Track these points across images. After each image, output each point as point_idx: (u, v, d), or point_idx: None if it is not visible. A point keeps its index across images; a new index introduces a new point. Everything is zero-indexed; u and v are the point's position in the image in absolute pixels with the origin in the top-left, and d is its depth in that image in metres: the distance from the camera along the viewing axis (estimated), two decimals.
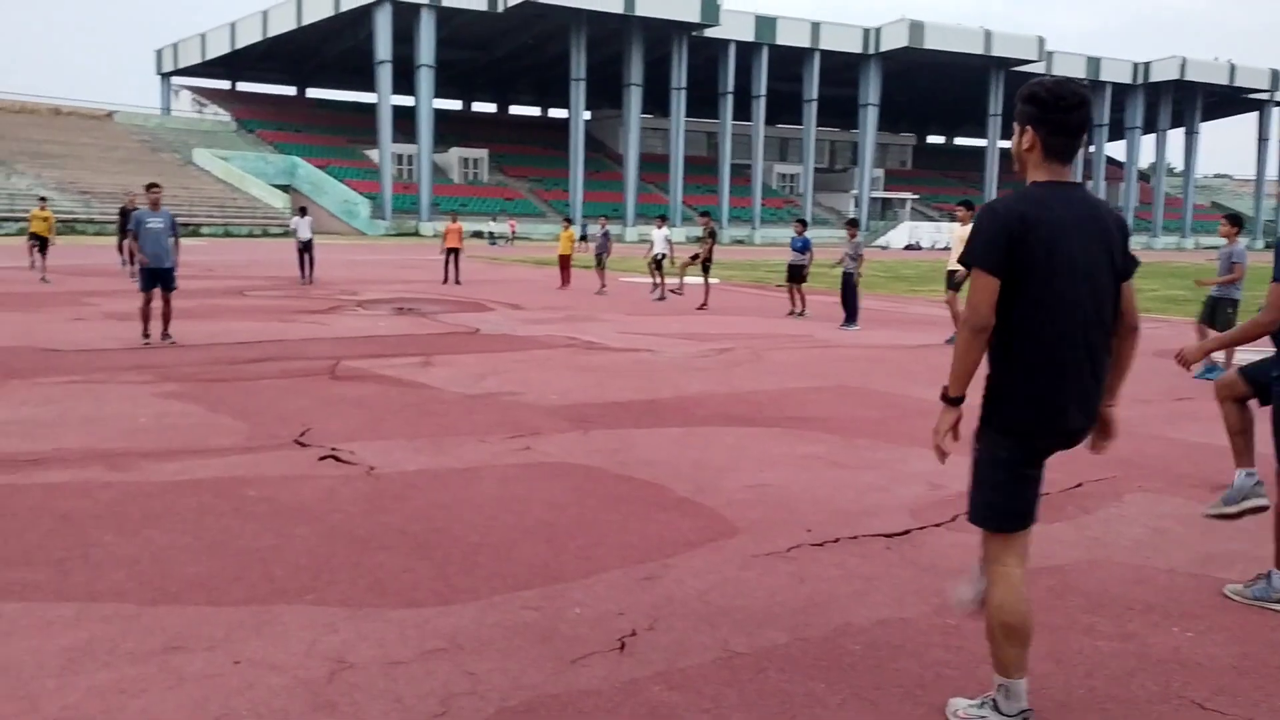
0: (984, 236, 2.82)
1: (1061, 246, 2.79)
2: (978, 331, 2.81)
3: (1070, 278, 2.80)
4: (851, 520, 5.16)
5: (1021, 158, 2.93)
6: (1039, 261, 2.77)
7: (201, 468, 5.83)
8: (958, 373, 2.87)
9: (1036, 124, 2.86)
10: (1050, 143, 2.86)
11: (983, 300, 2.79)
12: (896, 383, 9.83)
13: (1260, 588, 4.14)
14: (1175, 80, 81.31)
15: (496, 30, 66.59)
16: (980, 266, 2.80)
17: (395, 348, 11.32)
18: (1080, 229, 2.83)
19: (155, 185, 11.59)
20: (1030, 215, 2.79)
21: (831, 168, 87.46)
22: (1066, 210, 2.83)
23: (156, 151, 62.44)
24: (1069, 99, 2.83)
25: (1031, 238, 2.76)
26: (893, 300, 21.13)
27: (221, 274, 23.17)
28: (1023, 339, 2.82)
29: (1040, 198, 2.83)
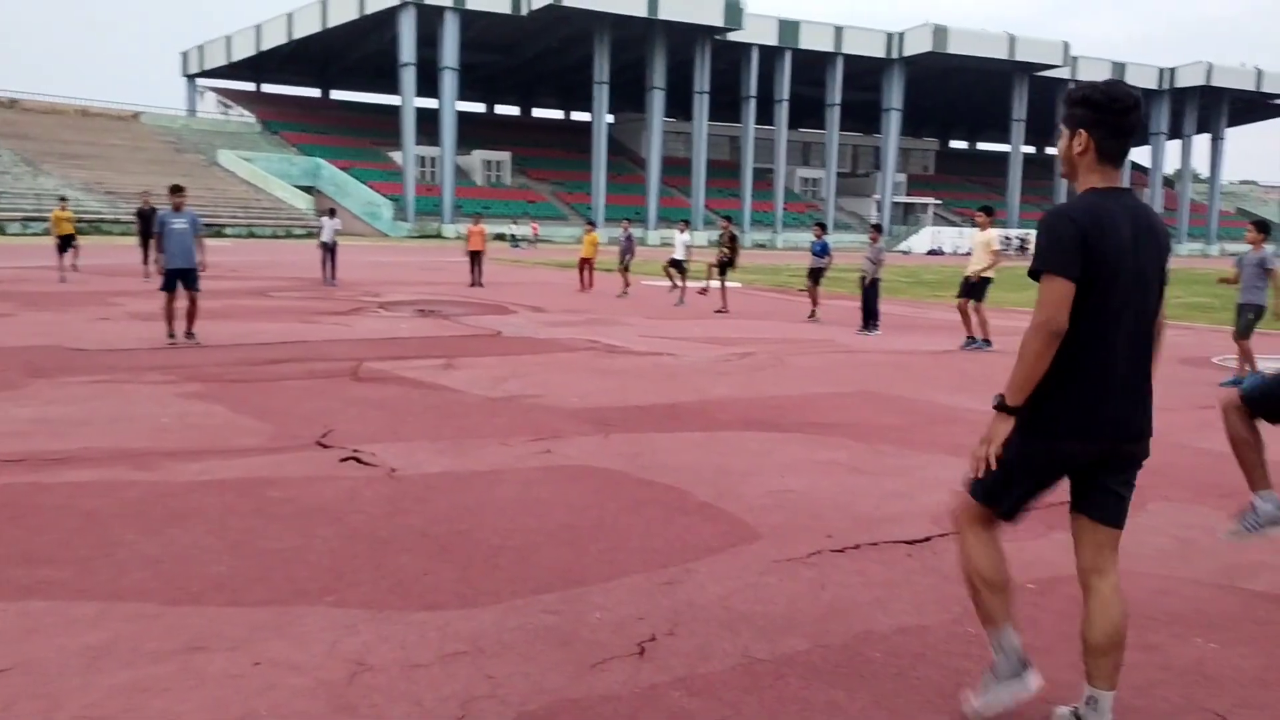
0: (1058, 242, 2.79)
1: (1126, 255, 2.80)
2: (1055, 336, 2.77)
3: (1130, 287, 2.81)
4: (873, 527, 5.14)
5: (1073, 161, 2.91)
6: (1106, 269, 2.77)
7: (224, 468, 5.87)
8: (1022, 380, 2.81)
9: (1091, 127, 2.84)
10: (1105, 146, 2.85)
11: (1060, 305, 2.76)
12: (919, 388, 9.78)
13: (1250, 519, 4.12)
14: (1201, 86, 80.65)
15: (520, 33, 66.80)
16: (1055, 271, 2.77)
17: (417, 350, 11.37)
18: (1138, 237, 2.84)
19: (179, 187, 11.69)
20: (1098, 221, 2.78)
21: (854, 172, 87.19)
22: (1126, 218, 2.83)
23: (181, 152, 62.99)
24: (1124, 100, 2.83)
25: (1101, 245, 2.77)
26: (915, 305, 21.03)
27: (245, 275, 23.33)
28: (1079, 345, 2.81)
29: (1104, 205, 2.83)
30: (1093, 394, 2.83)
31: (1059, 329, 2.77)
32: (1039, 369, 2.79)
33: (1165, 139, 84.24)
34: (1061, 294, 2.76)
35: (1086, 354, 2.81)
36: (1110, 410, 2.85)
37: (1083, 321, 2.80)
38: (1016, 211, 77.58)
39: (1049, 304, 2.77)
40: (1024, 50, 72.92)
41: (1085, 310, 2.79)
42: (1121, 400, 2.87)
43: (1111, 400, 2.85)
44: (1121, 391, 2.86)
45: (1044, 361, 2.79)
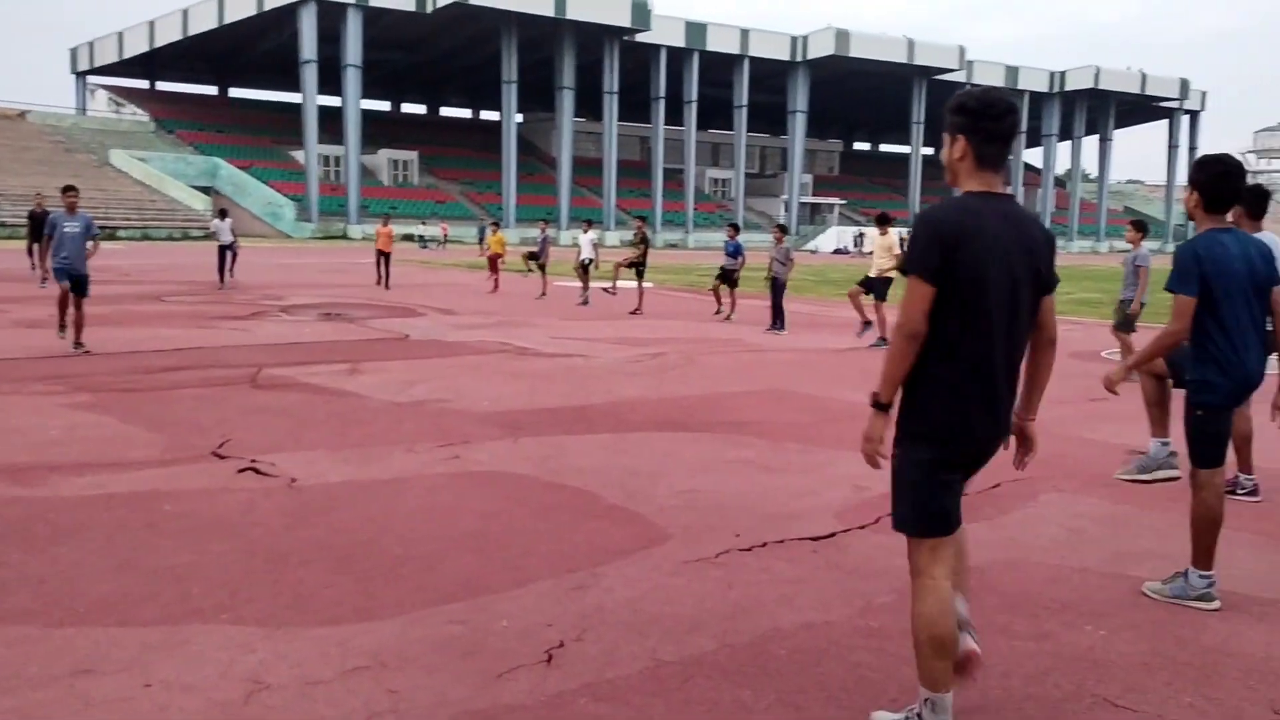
0: (921, 245, 2.84)
1: (992, 259, 2.82)
2: (911, 338, 2.82)
3: (997, 291, 2.83)
4: (779, 524, 5.20)
5: (954, 167, 2.96)
6: (970, 273, 2.80)
7: (115, 482, 5.65)
8: (889, 378, 2.88)
9: (968, 133, 2.89)
10: (982, 151, 2.90)
11: (918, 308, 2.81)
12: (825, 386, 9.94)
13: (1178, 585, 4.26)
14: (1090, 89, 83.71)
15: (426, 31, 65.93)
16: (917, 274, 2.83)
17: (321, 354, 11.13)
18: (1011, 242, 2.86)
19: (72, 188, 11.21)
20: (965, 226, 2.82)
21: (762, 173, 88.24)
22: (999, 223, 2.86)
23: (71, 152, 60.58)
24: (997, 106, 2.89)
25: (965, 249, 2.79)
26: (821, 304, 21.37)
27: (139, 278, 22.55)
28: (945, 348, 2.84)
29: (975, 208, 2.86)
30: (963, 395, 2.86)
31: (914, 331, 2.81)
32: (901, 368, 2.85)
33: (1056, 140, 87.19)
34: (920, 296, 2.81)
35: (955, 356, 2.84)
36: (986, 413, 2.89)
37: (952, 324, 2.82)
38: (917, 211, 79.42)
39: (907, 306, 2.83)
40: (922, 54, 74.76)
41: (953, 312, 2.82)
42: (996, 403, 2.91)
43: (987, 403, 2.88)
44: (996, 395, 2.90)
45: (906, 360, 2.85)
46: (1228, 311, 4.10)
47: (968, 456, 2.96)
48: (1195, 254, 4.10)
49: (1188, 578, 4.23)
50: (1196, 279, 4.08)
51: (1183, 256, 4.14)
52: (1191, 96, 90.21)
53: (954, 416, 2.87)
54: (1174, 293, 4.15)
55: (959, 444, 2.91)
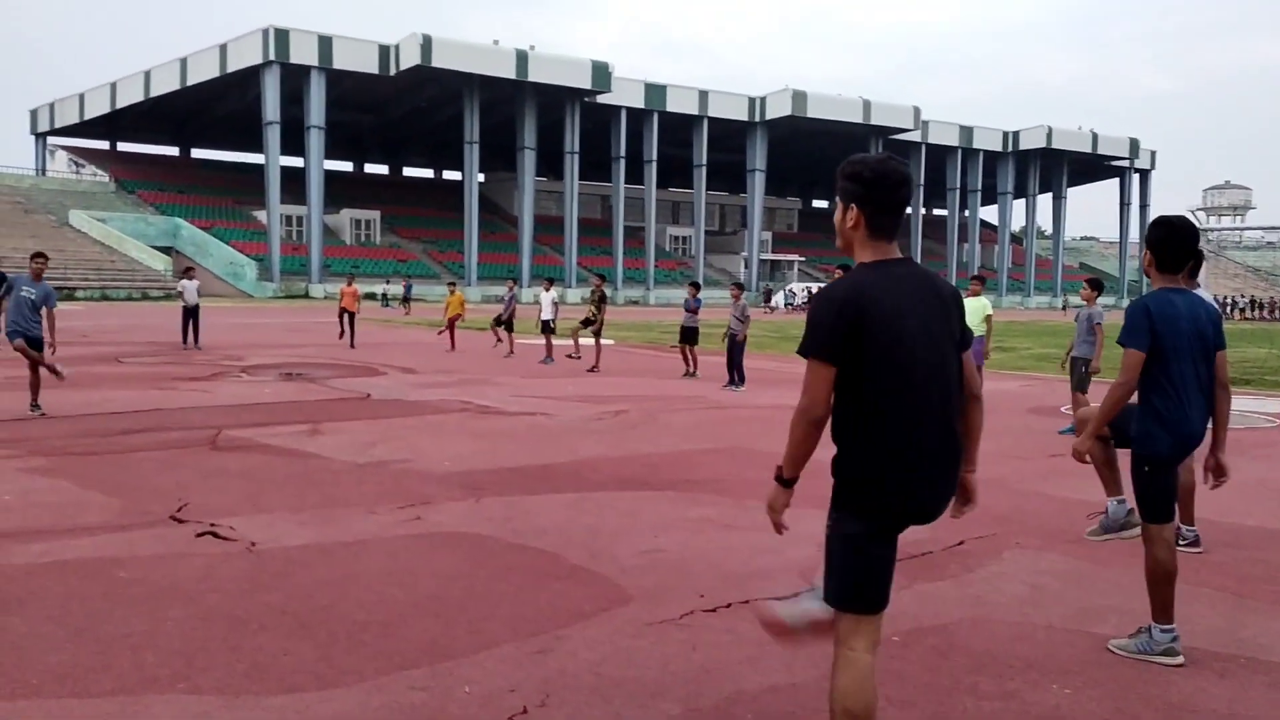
0: (817, 326, 2.78)
1: (900, 326, 2.77)
2: (815, 423, 2.79)
3: (912, 356, 2.78)
4: (743, 584, 5.18)
5: (846, 235, 2.91)
6: (879, 344, 2.75)
7: (69, 548, 5.53)
8: (793, 458, 2.87)
9: (861, 202, 2.85)
10: (875, 221, 2.86)
11: (818, 391, 2.77)
12: (786, 444, 9.97)
13: (1142, 641, 4.29)
14: (1043, 148, 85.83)
15: (389, 93, 66.47)
16: (815, 357, 2.77)
17: (282, 415, 11.02)
18: (917, 305, 2.82)
19: (41, 255, 11.05)
20: (865, 298, 2.76)
21: (722, 230, 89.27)
22: (900, 288, 2.82)
23: (30, 213, 60.06)
24: (892, 177, 2.85)
25: (868, 321, 2.74)
26: (783, 360, 21.51)
27: (97, 339, 22.27)
28: (869, 420, 2.79)
29: (873, 280, 2.81)
30: (896, 466, 2.79)
31: (817, 416, 2.78)
32: (806, 449, 2.83)
33: (1011, 198, 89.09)
34: (819, 378, 2.77)
35: (881, 427, 2.78)
36: (915, 478, 2.82)
37: (871, 395, 2.77)
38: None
39: (807, 390, 2.79)
40: (878, 114, 76.39)
41: (870, 384, 2.76)
42: (930, 470, 2.84)
43: (918, 471, 2.82)
44: (929, 462, 2.83)
45: (808, 446, 2.83)
46: (1175, 368, 4.20)
47: (901, 524, 2.90)
48: (1147, 310, 4.21)
49: (1151, 633, 4.28)
50: (1147, 334, 4.18)
51: (1134, 312, 4.26)
52: (1141, 156, 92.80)
53: (882, 487, 2.81)
54: (1125, 347, 4.25)
55: (890, 515, 2.85)
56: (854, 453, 2.83)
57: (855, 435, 2.82)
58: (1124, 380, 4.24)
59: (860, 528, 2.84)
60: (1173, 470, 4.34)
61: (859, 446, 2.82)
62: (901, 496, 2.82)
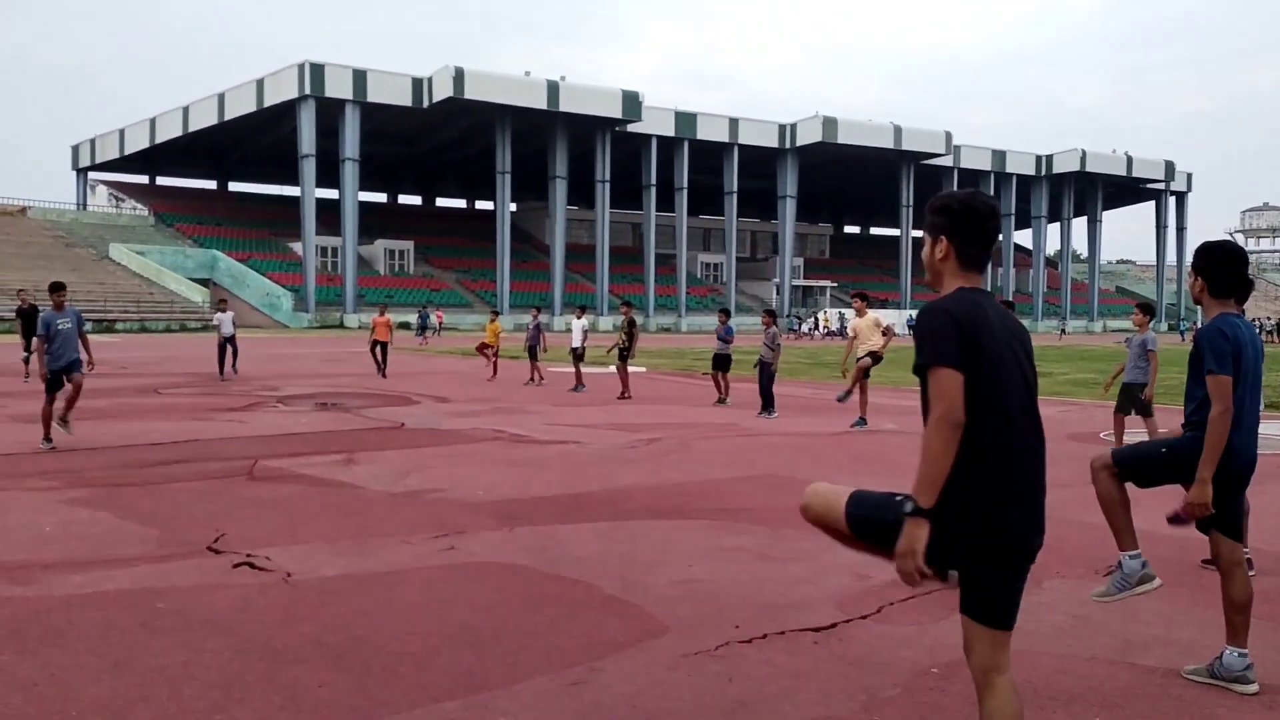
0: (938, 334, 2.79)
1: (1003, 350, 2.84)
2: (955, 428, 2.72)
3: (1011, 381, 2.84)
4: (779, 614, 5.14)
5: (936, 267, 2.96)
6: (989, 360, 2.79)
7: (108, 579, 5.59)
8: (932, 477, 2.72)
9: (950, 234, 2.92)
10: (965, 253, 2.92)
11: (955, 396, 2.73)
12: (822, 470, 9.91)
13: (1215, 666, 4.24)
14: (1076, 172, 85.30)
15: (422, 125, 67.36)
16: (942, 363, 2.75)
17: (317, 445, 11.10)
18: (1010, 335, 2.90)
19: (59, 286, 11.19)
20: (974, 317, 2.82)
21: (753, 257, 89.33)
22: (995, 316, 2.89)
23: (71, 247, 61.27)
24: (981, 209, 2.93)
25: (978, 339, 2.79)
26: (815, 386, 21.41)
27: (136, 371, 22.59)
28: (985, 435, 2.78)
29: (975, 301, 2.87)
30: (1010, 482, 2.82)
31: (958, 420, 2.71)
32: (945, 464, 2.72)
33: (1045, 222, 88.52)
34: (953, 384, 2.73)
35: (994, 444, 2.80)
36: (1027, 500, 2.86)
37: (983, 412, 2.77)
38: (909, 293, 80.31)
39: (943, 396, 2.73)
40: (909, 140, 76.33)
41: (982, 401, 2.77)
42: (1034, 491, 2.89)
43: (1026, 489, 2.86)
44: (1032, 482, 2.88)
45: (949, 456, 2.72)
46: (1241, 393, 4.18)
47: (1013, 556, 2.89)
48: (1224, 334, 4.16)
49: (1223, 658, 4.22)
50: (1230, 358, 4.14)
51: (1215, 338, 4.16)
52: (1177, 178, 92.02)
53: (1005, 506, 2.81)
54: (1216, 374, 4.13)
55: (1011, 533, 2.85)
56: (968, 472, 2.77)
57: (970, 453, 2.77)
58: (1224, 408, 4.10)
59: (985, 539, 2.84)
60: (1241, 492, 4.31)
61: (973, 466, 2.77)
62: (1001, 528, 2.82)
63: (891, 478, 3.21)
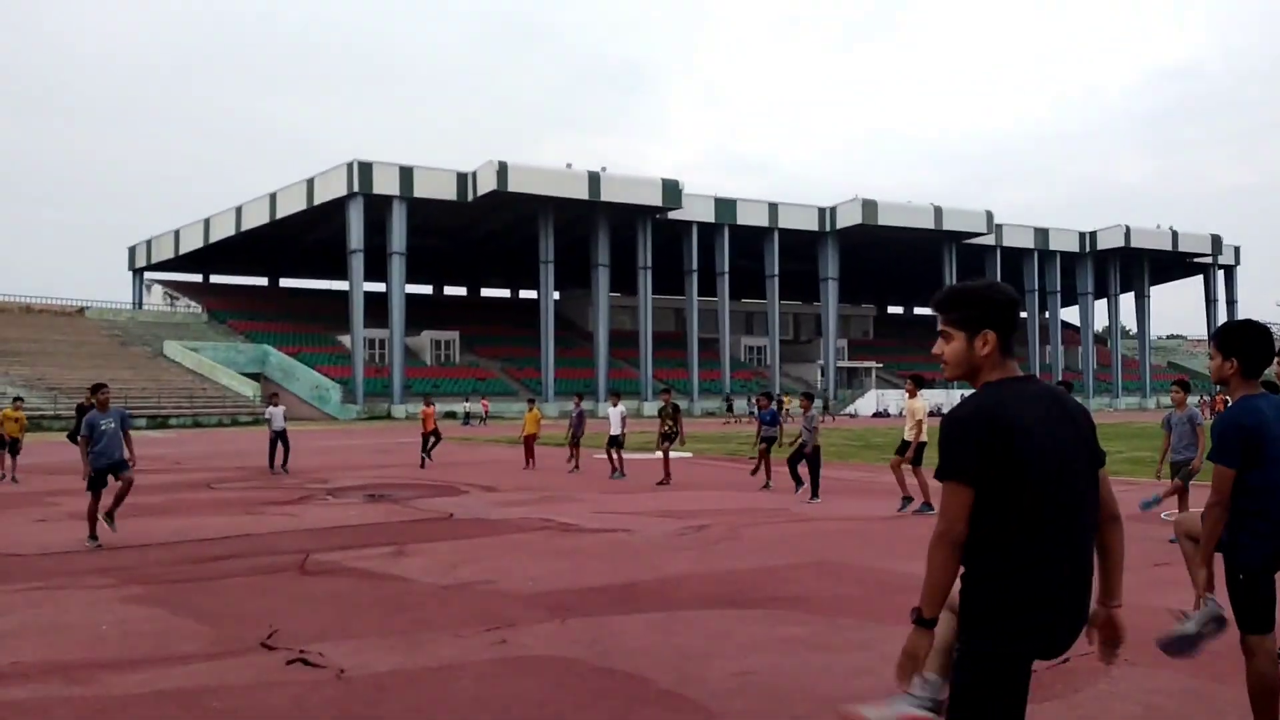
0: (953, 447, 2.75)
1: (1036, 445, 2.72)
2: (955, 547, 2.71)
3: (1047, 475, 2.72)
4: (838, 707, 5.00)
5: (975, 362, 2.88)
6: (1013, 464, 2.69)
7: (164, 678, 5.60)
8: (933, 588, 2.73)
9: (997, 326, 2.86)
10: (1005, 342, 2.88)
11: (957, 514, 2.71)
12: (876, 557, 9.75)
13: None
14: (1121, 248, 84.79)
15: (466, 218, 68.80)
16: (952, 479, 2.72)
17: (367, 538, 11.14)
18: (1053, 422, 2.79)
19: (103, 386, 11.43)
20: (997, 417, 2.73)
21: (797, 339, 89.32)
22: (1033, 406, 2.79)
23: (127, 345, 62.81)
24: (1015, 296, 2.95)
25: (1002, 441, 2.69)
26: (866, 469, 21.18)
27: (189, 466, 22.92)
28: (1000, 544, 2.72)
29: (1004, 398, 2.78)
30: (1027, 593, 2.71)
31: (957, 539, 2.70)
32: (944, 578, 2.73)
33: (1092, 298, 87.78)
34: (959, 502, 2.71)
35: (1021, 550, 2.71)
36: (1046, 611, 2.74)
37: (1007, 519, 2.70)
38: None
39: (946, 512, 2.72)
40: (950, 220, 76.51)
41: (1005, 508, 2.70)
42: (1061, 600, 2.76)
43: (1049, 601, 2.73)
44: (1060, 591, 2.75)
45: (948, 571, 2.72)
46: (1267, 474, 4.09)
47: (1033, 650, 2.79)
48: (1239, 426, 4.13)
49: None
50: (1239, 453, 4.09)
51: (1225, 429, 4.14)
52: (1225, 251, 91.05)
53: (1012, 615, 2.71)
54: (1216, 463, 4.13)
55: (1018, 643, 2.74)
56: (983, 575, 2.75)
57: (985, 558, 2.74)
58: (1218, 500, 4.11)
59: (992, 651, 2.73)
60: (1270, 578, 4.17)
61: (988, 569, 2.74)
62: (1032, 625, 2.73)
63: None
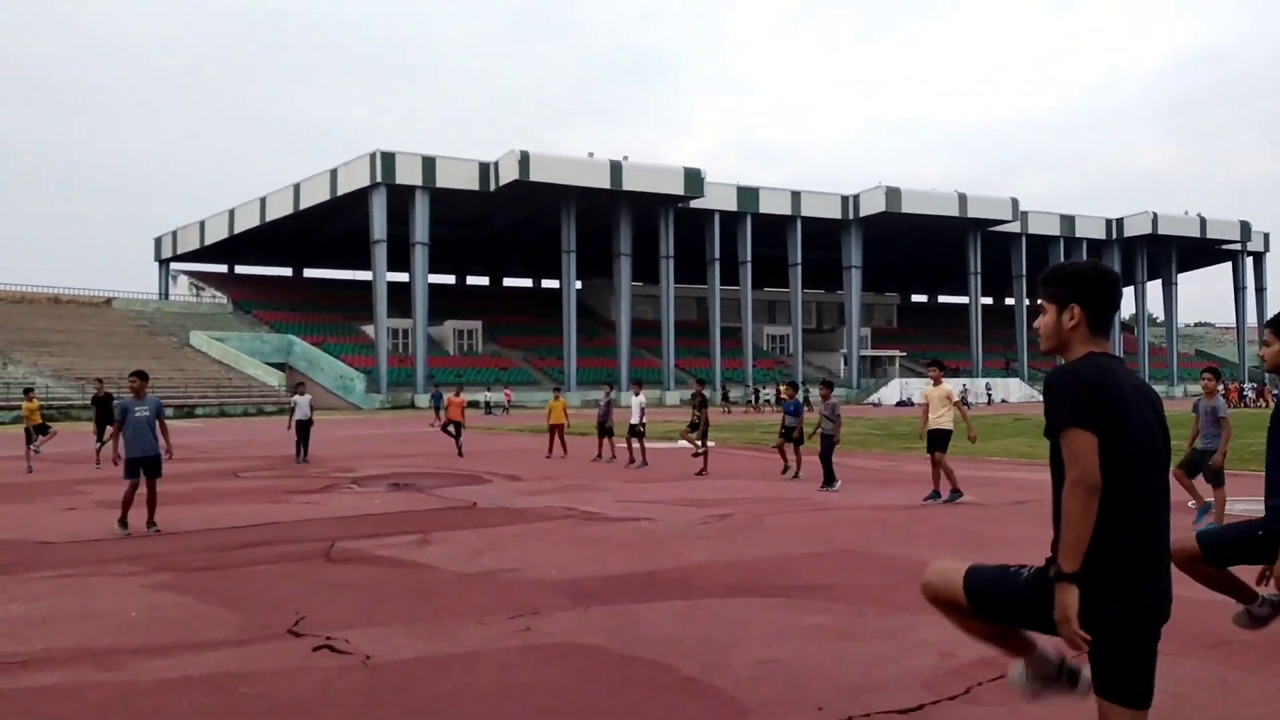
0: (1072, 397, 2.82)
1: (1135, 413, 2.85)
2: (1093, 490, 2.75)
3: (1142, 446, 2.84)
4: (863, 696, 5.01)
5: (1063, 335, 3.01)
6: (1122, 423, 2.81)
7: (192, 664, 5.67)
8: (1074, 542, 2.76)
9: (1084, 301, 2.98)
10: (1095, 319, 2.98)
11: (1088, 458, 2.76)
12: (899, 545, 9.72)
13: None
14: (1148, 235, 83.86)
15: (489, 207, 68.90)
16: (1076, 425, 2.79)
17: (392, 526, 11.21)
18: (1142, 400, 2.92)
19: (140, 374, 11.36)
20: (1107, 381, 2.85)
21: (820, 328, 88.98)
22: (1126, 378, 2.92)
23: (154, 335, 63.39)
24: (1112, 276, 3.05)
25: (1111, 403, 2.81)
26: (888, 458, 21.11)
27: (215, 455, 23.13)
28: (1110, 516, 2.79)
29: (1105, 365, 2.91)
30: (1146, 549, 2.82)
31: (1094, 482, 2.75)
32: (1086, 527, 2.75)
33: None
34: (1087, 446, 2.77)
35: (1129, 509, 2.80)
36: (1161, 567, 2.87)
37: (1118, 475, 2.79)
38: (980, 361, 79.17)
39: (1078, 458, 2.76)
40: (975, 207, 75.89)
41: (1116, 464, 2.78)
42: (1166, 558, 2.89)
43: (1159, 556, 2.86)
44: (1164, 549, 2.89)
45: (1090, 518, 2.75)
46: None
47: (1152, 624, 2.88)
48: None
49: None
50: None
51: None
52: (1254, 238, 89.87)
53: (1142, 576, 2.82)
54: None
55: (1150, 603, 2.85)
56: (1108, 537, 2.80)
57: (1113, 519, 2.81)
58: None
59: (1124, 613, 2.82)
60: None
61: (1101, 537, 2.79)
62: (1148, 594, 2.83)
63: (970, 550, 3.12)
